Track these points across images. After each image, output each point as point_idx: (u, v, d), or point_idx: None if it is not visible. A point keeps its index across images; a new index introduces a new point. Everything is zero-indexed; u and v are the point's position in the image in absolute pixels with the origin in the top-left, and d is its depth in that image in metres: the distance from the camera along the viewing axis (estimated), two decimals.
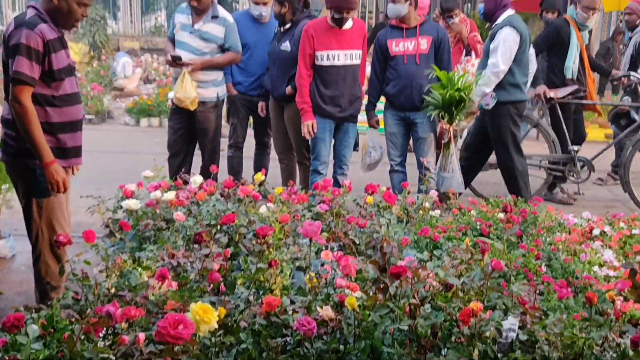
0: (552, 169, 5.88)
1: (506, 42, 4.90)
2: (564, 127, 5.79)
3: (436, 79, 4.68)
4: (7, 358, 1.70)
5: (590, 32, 6.25)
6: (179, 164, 4.95)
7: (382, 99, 5.22)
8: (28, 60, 2.89)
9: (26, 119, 2.93)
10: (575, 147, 5.83)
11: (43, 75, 2.98)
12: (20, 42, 2.88)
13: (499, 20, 5.04)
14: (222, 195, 3.54)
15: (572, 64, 5.75)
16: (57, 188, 3.05)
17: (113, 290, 2.27)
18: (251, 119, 5.61)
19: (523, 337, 1.87)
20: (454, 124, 4.90)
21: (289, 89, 4.92)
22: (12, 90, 2.94)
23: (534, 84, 5.80)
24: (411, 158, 5.30)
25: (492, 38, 5.02)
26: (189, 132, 5.01)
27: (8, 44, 2.96)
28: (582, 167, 5.86)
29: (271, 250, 2.47)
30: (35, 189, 3.08)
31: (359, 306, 1.96)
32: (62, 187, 3.05)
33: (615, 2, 9.53)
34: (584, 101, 5.93)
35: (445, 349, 1.89)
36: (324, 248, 2.76)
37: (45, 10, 3.00)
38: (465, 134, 6.02)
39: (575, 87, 5.78)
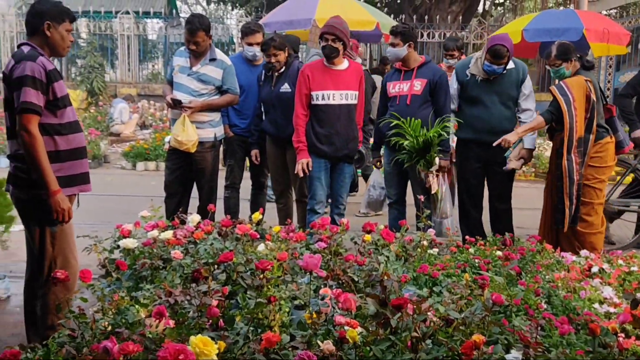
0: None
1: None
2: None
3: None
4: None
5: None
6: (176, 204, 4.94)
7: None
8: (34, 90, 3.00)
9: (34, 148, 3.00)
10: None
11: (48, 104, 3.09)
12: (24, 74, 2.99)
13: None
14: (219, 234, 3.53)
15: None
16: (62, 217, 3.10)
17: (109, 328, 2.24)
18: (247, 160, 5.64)
19: None
20: (434, 168, 4.79)
21: None
22: (20, 120, 3.01)
23: (632, 128, 5.69)
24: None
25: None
26: (186, 173, 5.01)
27: (10, 79, 3.06)
28: None
29: (270, 286, 2.45)
30: (49, 219, 3.12)
31: (361, 342, 1.93)
32: (66, 216, 3.12)
33: (604, 48, 9.81)
34: None
35: None
36: (322, 286, 2.73)
37: (39, 45, 3.15)
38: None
39: None
